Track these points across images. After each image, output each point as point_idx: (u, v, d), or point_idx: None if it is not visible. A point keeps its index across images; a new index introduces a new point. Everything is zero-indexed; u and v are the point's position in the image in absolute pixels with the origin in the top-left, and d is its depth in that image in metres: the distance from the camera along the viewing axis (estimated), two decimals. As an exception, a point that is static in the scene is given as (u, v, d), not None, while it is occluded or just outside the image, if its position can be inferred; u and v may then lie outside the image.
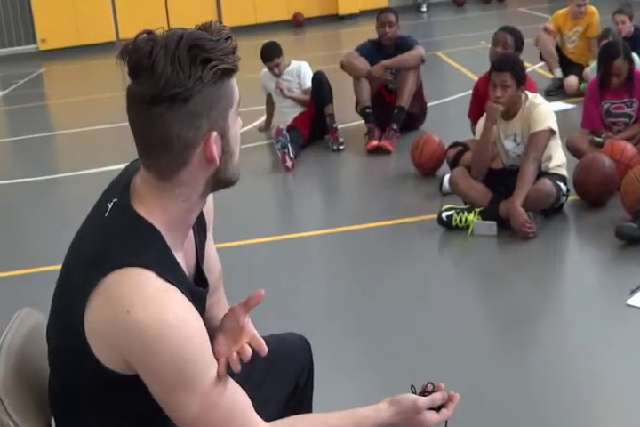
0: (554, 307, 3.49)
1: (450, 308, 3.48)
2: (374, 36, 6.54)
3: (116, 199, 1.52)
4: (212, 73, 1.40)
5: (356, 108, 6.32)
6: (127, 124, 1.47)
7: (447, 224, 4.28)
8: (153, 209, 1.49)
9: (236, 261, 4.06)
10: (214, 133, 1.45)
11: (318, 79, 6.32)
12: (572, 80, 7.01)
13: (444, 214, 4.29)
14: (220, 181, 1.52)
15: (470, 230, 4.21)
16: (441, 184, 4.86)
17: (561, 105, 6.62)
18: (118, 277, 1.42)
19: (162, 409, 1.49)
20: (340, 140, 6.21)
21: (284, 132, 5.89)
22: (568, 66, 7.14)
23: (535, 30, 8.49)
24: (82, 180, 6.27)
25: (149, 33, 1.42)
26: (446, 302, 3.55)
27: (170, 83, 1.38)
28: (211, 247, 1.76)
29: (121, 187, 1.54)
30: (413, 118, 6.37)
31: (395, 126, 6.06)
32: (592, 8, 7.27)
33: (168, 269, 1.47)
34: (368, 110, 6.17)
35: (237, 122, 1.51)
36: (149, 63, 1.38)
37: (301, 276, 4.05)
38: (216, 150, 1.46)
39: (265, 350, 1.51)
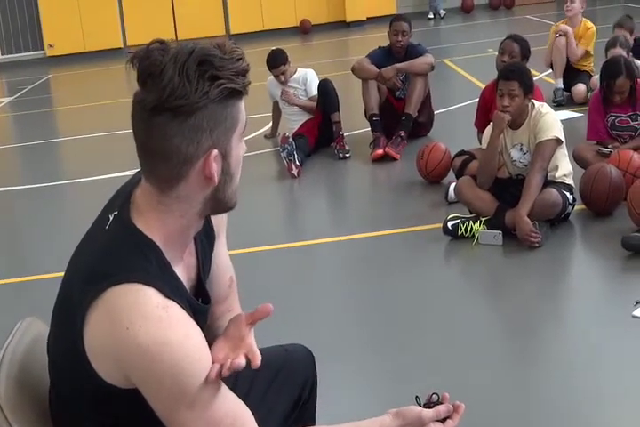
0: (559, 318, 3.48)
1: (455, 318, 3.47)
2: (381, 42, 6.55)
3: (116, 212, 1.52)
4: (218, 91, 1.40)
5: (366, 115, 6.33)
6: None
7: (452, 233, 4.28)
8: (151, 223, 1.49)
9: (240, 270, 4.04)
10: (215, 151, 1.44)
11: (324, 87, 6.33)
12: (580, 88, 7.00)
13: (450, 223, 4.28)
14: (217, 202, 1.51)
15: (476, 240, 4.20)
16: (447, 193, 4.86)
17: (567, 114, 6.61)
18: (117, 293, 1.42)
19: (160, 422, 1.49)
20: (347, 147, 6.22)
21: (290, 139, 5.90)
22: (575, 74, 7.13)
23: (543, 38, 8.51)
24: (86, 187, 6.29)
25: (162, 42, 1.43)
26: (451, 312, 3.54)
27: (175, 93, 1.38)
28: (221, 255, 1.75)
29: (122, 198, 1.55)
30: (420, 126, 6.38)
31: (402, 134, 6.07)
32: (588, 24, 7.27)
33: (168, 284, 1.47)
34: (375, 118, 6.17)
35: (241, 146, 1.51)
36: (158, 71, 1.39)
37: (306, 284, 4.05)
38: (215, 169, 1.45)
39: (258, 362, 1.50)
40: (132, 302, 1.41)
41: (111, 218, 1.52)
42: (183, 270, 1.57)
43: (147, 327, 1.39)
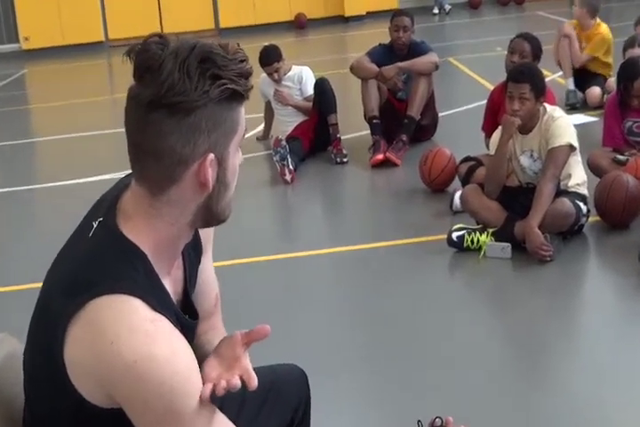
0: (571, 337, 3.49)
1: (459, 336, 3.48)
2: (382, 39, 6.57)
3: (101, 218, 1.52)
4: (219, 91, 1.42)
5: (365, 117, 6.35)
6: (116, 131, 1.49)
7: (458, 245, 4.29)
8: (140, 230, 1.49)
9: (229, 282, 4.04)
10: (211, 156, 1.45)
11: (321, 86, 6.35)
12: (595, 91, 7.03)
13: (455, 235, 4.29)
14: (209, 213, 1.52)
15: (482, 252, 4.21)
16: (451, 201, 4.87)
17: (582, 118, 6.64)
18: (101, 304, 1.41)
19: None
20: (344, 151, 6.23)
21: (284, 142, 5.91)
22: (589, 77, 7.16)
23: (554, 36, 8.54)
24: (64, 191, 6.28)
25: (161, 36, 1.44)
26: (455, 329, 3.55)
27: (174, 89, 1.39)
28: (207, 270, 1.76)
29: (108, 204, 1.54)
30: (424, 129, 6.39)
31: (404, 138, 6.08)
32: (600, 28, 7.28)
33: (156, 297, 1.47)
34: (375, 121, 6.18)
35: (238, 155, 1.52)
36: (157, 65, 1.40)
37: (300, 299, 4.05)
38: (211, 175, 1.46)
39: (254, 384, 1.51)
40: (117, 315, 1.40)
41: (95, 225, 1.52)
42: (170, 284, 1.58)
43: (133, 342, 1.38)
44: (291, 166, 5.82)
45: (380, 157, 5.98)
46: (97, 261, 1.47)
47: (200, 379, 1.47)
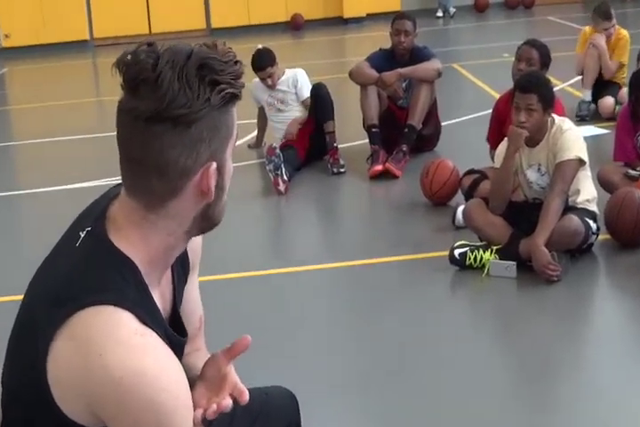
0: (578, 362, 3.50)
1: (459, 359, 3.49)
2: (382, 43, 6.59)
3: (89, 228, 1.53)
4: (219, 97, 1.44)
5: (364, 125, 6.36)
6: (100, 135, 1.50)
7: (460, 263, 4.30)
8: (132, 241, 1.50)
9: (218, 298, 4.07)
10: (214, 164, 1.48)
11: (318, 92, 6.36)
12: (608, 101, 7.05)
13: (457, 252, 4.31)
14: (206, 219, 1.54)
15: (486, 271, 4.22)
16: (454, 216, 4.89)
17: (592, 130, 6.66)
18: (88, 316, 1.41)
19: None
20: (341, 161, 6.24)
21: (278, 151, 5.92)
22: (603, 85, 7.19)
23: (566, 43, 8.58)
24: (46, 198, 6.28)
25: (150, 44, 1.45)
26: (455, 352, 3.56)
27: (176, 101, 1.41)
28: (193, 291, 1.77)
29: (96, 214, 1.55)
30: (425, 140, 6.41)
31: (404, 148, 6.09)
32: (621, 32, 7.34)
33: (145, 310, 1.47)
34: (374, 129, 6.20)
35: (231, 156, 1.54)
36: (153, 77, 1.41)
37: (291, 317, 4.05)
38: (213, 182, 1.48)
39: (246, 398, 1.53)
40: (104, 327, 1.40)
41: (82, 235, 1.53)
42: (159, 298, 1.59)
43: (120, 355, 1.38)
44: (285, 176, 5.83)
45: (378, 167, 5.99)
46: (84, 272, 1.48)
47: (190, 396, 1.47)
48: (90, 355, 1.39)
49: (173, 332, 1.60)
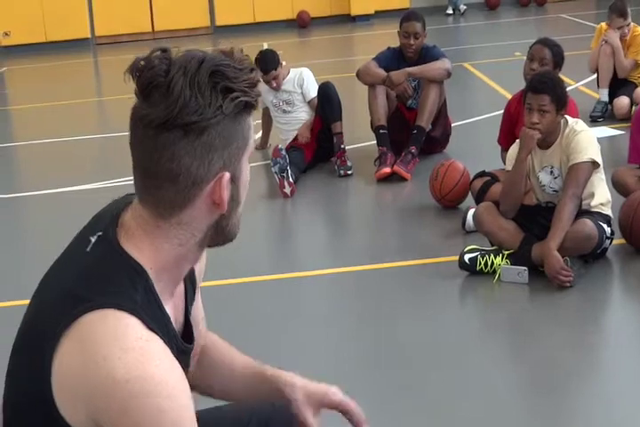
0: (592, 371, 3.49)
1: (469, 369, 3.48)
2: (391, 41, 6.58)
3: (100, 233, 1.54)
4: (233, 105, 1.45)
5: (372, 126, 6.36)
6: (101, 136, 1.50)
7: (470, 268, 4.29)
8: (143, 248, 1.51)
9: (222, 304, 4.07)
10: (227, 174, 1.48)
11: (326, 91, 6.35)
12: (622, 101, 7.02)
13: (467, 256, 4.30)
14: (219, 231, 1.55)
15: (497, 276, 4.21)
16: (464, 220, 4.88)
17: (607, 131, 6.65)
18: (95, 319, 1.43)
19: None
20: (348, 163, 6.24)
21: (284, 152, 5.92)
22: (619, 84, 7.16)
23: (579, 41, 8.57)
24: (41, 201, 6.29)
25: (164, 50, 1.47)
26: (465, 361, 3.55)
27: (187, 108, 1.42)
28: (198, 308, 1.82)
29: (107, 220, 1.57)
30: (435, 141, 6.40)
31: (413, 150, 6.08)
32: (638, 29, 7.30)
33: (152, 317, 1.49)
34: (382, 131, 6.19)
35: (248, 167, 1.55)
36: (165, 83, 1.42)
37: (297, 323, 4.04)
38: (226, 194, 1.49)
39: None
40: (110, 331, 1.42)
41: (93, 240, 1.54)
42: (172, 309, 1.60)
43: (125, 360, 1.39)
44: (291, 179, 5.83)
45: (386, 170, 5.98)
46: (94, 276, 1.49)
47: (192, 405, 1.47)
48: (95, 358, 1.40)
49: (182, 341, 1.62)
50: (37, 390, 1.46)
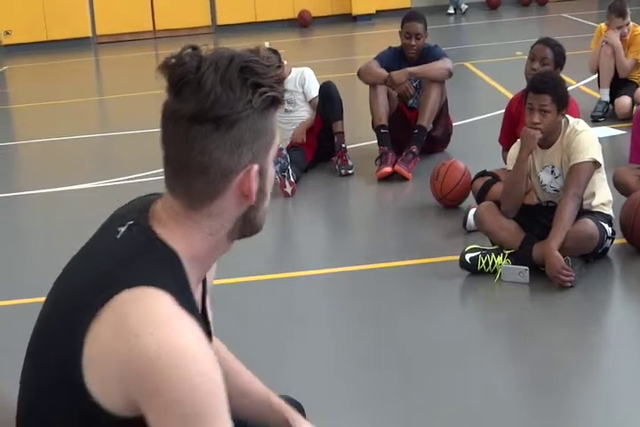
0: (593, 373, 3.49)
1: (469, 369, 3.47)
2: (392, 40, 6.57)
3: (132, 222, 1.59)
4: (261, 99, 1.51)
5: (373, 126, 6.35)
6: (103, 135, 1.51)
7: (471, 268, 4.29)
8: (175, 237, 1.56)
9: (221, 303, 4.06)
10: (256, 167, 1.55)
11: (327, 91, 6.35)
12: (624, 101, 7.02)
13: (468, 256, 4.30)
14: (247, 222, 1.61)
15: (498, 276, 4.21)
16: (465, 220, 4.88)
17: (608, 131, 6.65)
18: (128, 297, 1.46)
19: None
20: (350, 163, 6.24)
21: (285, 152, 5.92)
22: (620, 84, 7.16)
23: (581, 41, 8.56)
24: (44, 200, 6.29)
25: (195, 48, 1.52)
26: (465, 361, 3.54)
27: (219, 102, 1.48)
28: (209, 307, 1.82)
29: (136, 212, 1.61)
30: (436, 141, 6.40)
31: (414, 149, 6.08)
32: (638, 28, 7.30)
33: (185, 300, 1.52)
34: (383, 130, 6.19)
35: (272, 165, 1.62)
36: (196, 79, 1.48)
37: (295, 323, 4.04)
38: (255, 186, 1.55)
39: None
40: (144, 308, 1.45)
41: (123, 229, 1.58)
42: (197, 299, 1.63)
43: (159, 335, 1.42)
44: (292, 178, 5.83)
45: (387, 169, 5.98)
46: (128, 257, 1.53)
47: (222, 381, 1.47)
48: (128, 334, 1.43)
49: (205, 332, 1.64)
50: (67, 380, 1.48)
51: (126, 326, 1.43)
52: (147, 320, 1.43)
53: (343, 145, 6.27)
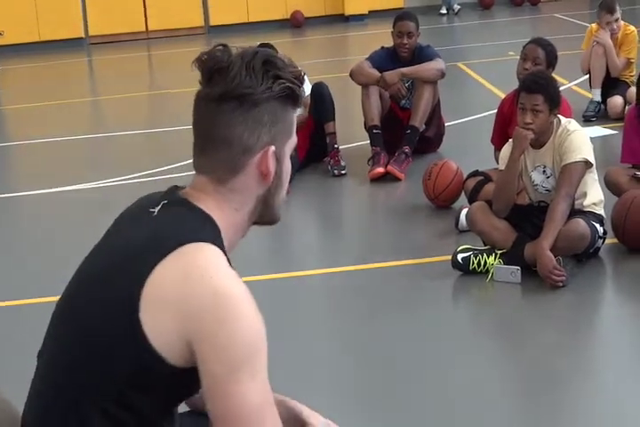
0: (586, 373, 3.49)
1: (462, 369, 3.47)
2: (385, 41, 6.57)
3: (165, 201, 1.74)
4: (280, 88, 1.70)
5: (365, 126, 6.35)
6: (96, 135, 1.51)
7: (463, 268, 4.29)
8: (210, 205, 1.72)
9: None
10: (273, 148, 1.73)
11: (319, 91, 6.35)
12: (616, 101, 7.02)
13: (460, 256, 4.30)
14: (267, 205, 1.77)
15: (490, 276, 4.21)
16: (457, 220, 4.88)
17: (600, 131, 6.66)
18: (192, 248, 1.63)
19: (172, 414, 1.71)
20: (342, 163, 6.23)
21: (277, 152, 5.91)
22: (612, 84, 7.17)
23: (573, 41, 8.58)
24: (39, 201, 6.27)
25: (224, 46, 1.73)
26: (458, 362, 3.54)
27: (242, 83, 1.68)
28: None
29: (162, 197, 1.76)
30: (428, 141, 6.40)
31: (407, 149, 6.08)
32: (629, 28, 7.32)
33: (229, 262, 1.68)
34: (375, 131, 6.19)
35: (288, 159, 1.78)
36: (225, 66, 1.69)
37: (286, 325, 4.02)
38: (272, 166, 1.72)
39: None
40: (206, 256, 1.63)
41: (157, 208, 1.72)
42: None
43: (221, 279, 1.60)
44: (284, 178, 5.82)
45: (379, 170, 5.98)
46: (177, 221, 1.68)
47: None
48: (193, 273, 1.59)
49: None
50: (119, 320, 1.61)
51: (191, 266, 1.60)
52: (211, 265, 1.61)
53: (335, 145, 6.27)
